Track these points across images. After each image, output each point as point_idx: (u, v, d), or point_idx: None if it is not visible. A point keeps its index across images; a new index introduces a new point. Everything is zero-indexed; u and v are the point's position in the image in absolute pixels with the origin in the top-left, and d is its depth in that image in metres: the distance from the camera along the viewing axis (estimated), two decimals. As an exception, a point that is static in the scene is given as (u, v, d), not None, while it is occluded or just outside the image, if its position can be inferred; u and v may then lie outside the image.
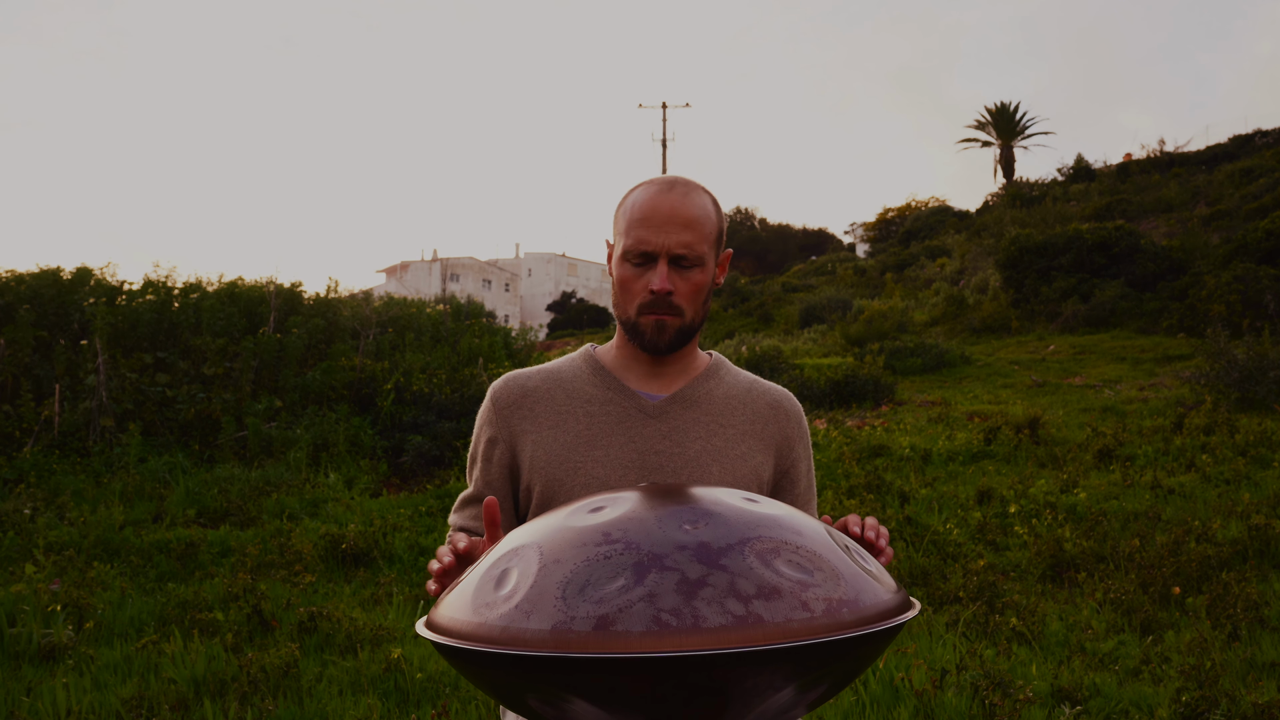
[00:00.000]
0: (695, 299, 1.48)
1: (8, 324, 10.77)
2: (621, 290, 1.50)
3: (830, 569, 0.96)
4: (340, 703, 4.03)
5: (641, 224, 1.45)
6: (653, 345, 1.49)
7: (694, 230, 1.45)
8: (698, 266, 1.46)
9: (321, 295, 13.55)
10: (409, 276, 50.87)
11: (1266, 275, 16.23)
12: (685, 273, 1.46)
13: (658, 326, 1.48)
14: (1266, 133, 32.02)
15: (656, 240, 1.44)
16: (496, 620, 0.92)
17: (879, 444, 9.49)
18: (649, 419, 1.52)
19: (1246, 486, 7.31)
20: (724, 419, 1.54)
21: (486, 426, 1.58)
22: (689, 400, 1.54)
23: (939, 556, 6.16)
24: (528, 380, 1.57)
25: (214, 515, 7.66)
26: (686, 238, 1.44)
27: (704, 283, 1.48)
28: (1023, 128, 38.32)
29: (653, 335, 1.48)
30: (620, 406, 1.52)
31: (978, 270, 24.35)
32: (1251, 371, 10.77)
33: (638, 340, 1.50)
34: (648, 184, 1.49)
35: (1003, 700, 3.61)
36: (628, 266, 1.48)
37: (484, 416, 1.59)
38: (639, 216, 1.46)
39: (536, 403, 1.55)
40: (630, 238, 1.46)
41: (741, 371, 1.65)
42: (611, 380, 1.54)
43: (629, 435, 1.50)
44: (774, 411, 1.59)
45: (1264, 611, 4.81)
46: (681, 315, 1.48)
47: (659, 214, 1.45)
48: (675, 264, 1.45)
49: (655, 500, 1.03)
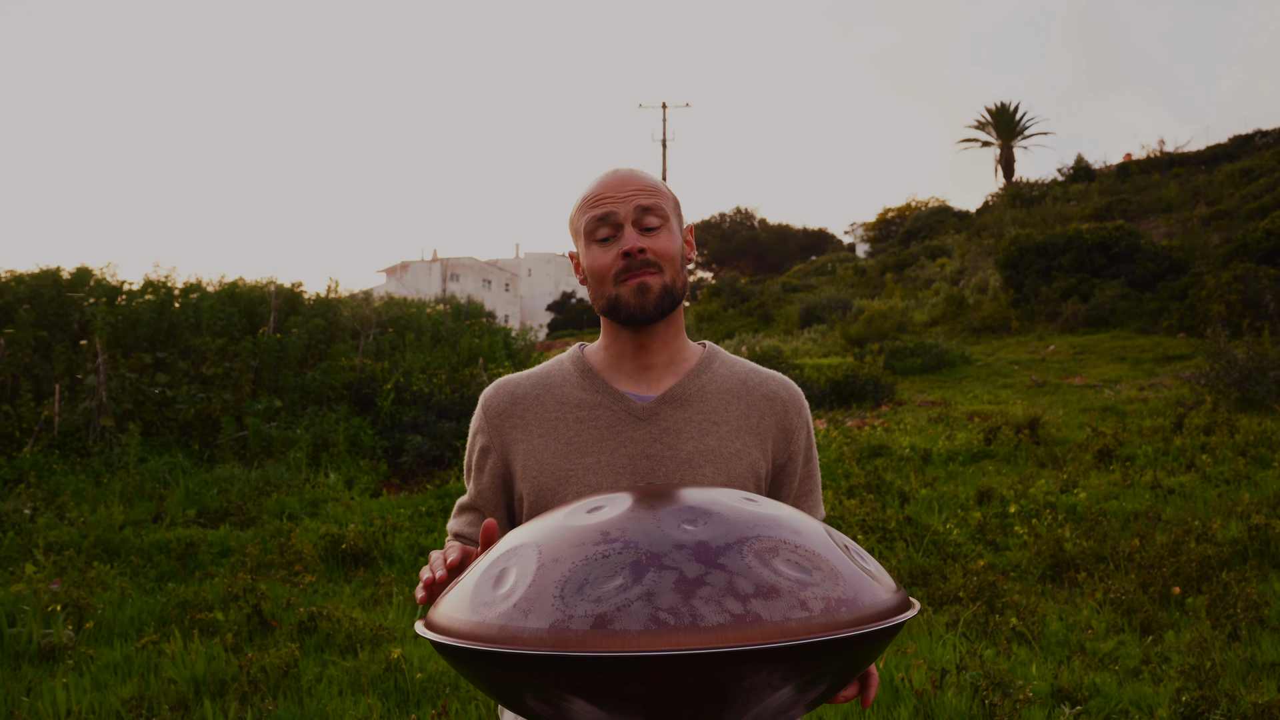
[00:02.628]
0: (671, 259, 1.45)
1: (8, 324, 10.77)
2: (594, 275, 1.46)
3: (829, 568, 0.96)
4: (340, 703, 4.03)
5: (596, 200, 1.45)
6: (640, 309, 1.44)
7: (652, 194, 1.45)
8: (663, 226, 1.45)
9: (321, 295, 13.54)
10: (409, 276, 50.86)
11: (1266, 275, 16.23)
12: (653, 233, 1.44)
13: (639, 289, 1.43)
14: (1266, 133, 32.02)
15: (617, 205, 1.43)
16: (495, 619, 0.92)
17: (879, 444, 9.49)
18: (639, 422, 1.47)
19: (1246, 486, 7.31)
20: (717, 416, 1.50)
21: (479, 435, 1.57)
22: (680, 399, 1.49)
23: (939, 556, 6.16)
24: (517, 387, 1.55)
25: (214, 515, 7.66)
26: (646, 198, 1.44)
27: (674, 244, 1.46)
28: (1022, 128, 38.32)
29: (636, 299, 1.43)
30: (609, 410, 1.48)
31: (978, 270, 24.35)
32: (1251, 371, 10.77)
33: (622, 313, 1.45)
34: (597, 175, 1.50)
35: (1003, 700, 3.61)
36: (595, 247, 1.45)
37: (476, 424, 1.57)
38: (593, 196, 1.46)
39: (526, 410, 1.52)
40: (593, 211, 1.45)
41: (739, 361, 1.59)
42: (600, 383, 1.50)
43: (619, 440, 1.47)
44: (770, 403, 1.54)
45: (1264, 611, 4.81)
46: (661, 272, 1.44)
47: (610, 184, 1.45)
48: (642, 225, 1.43)
49: (654, 500, 1.03)
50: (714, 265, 49.05)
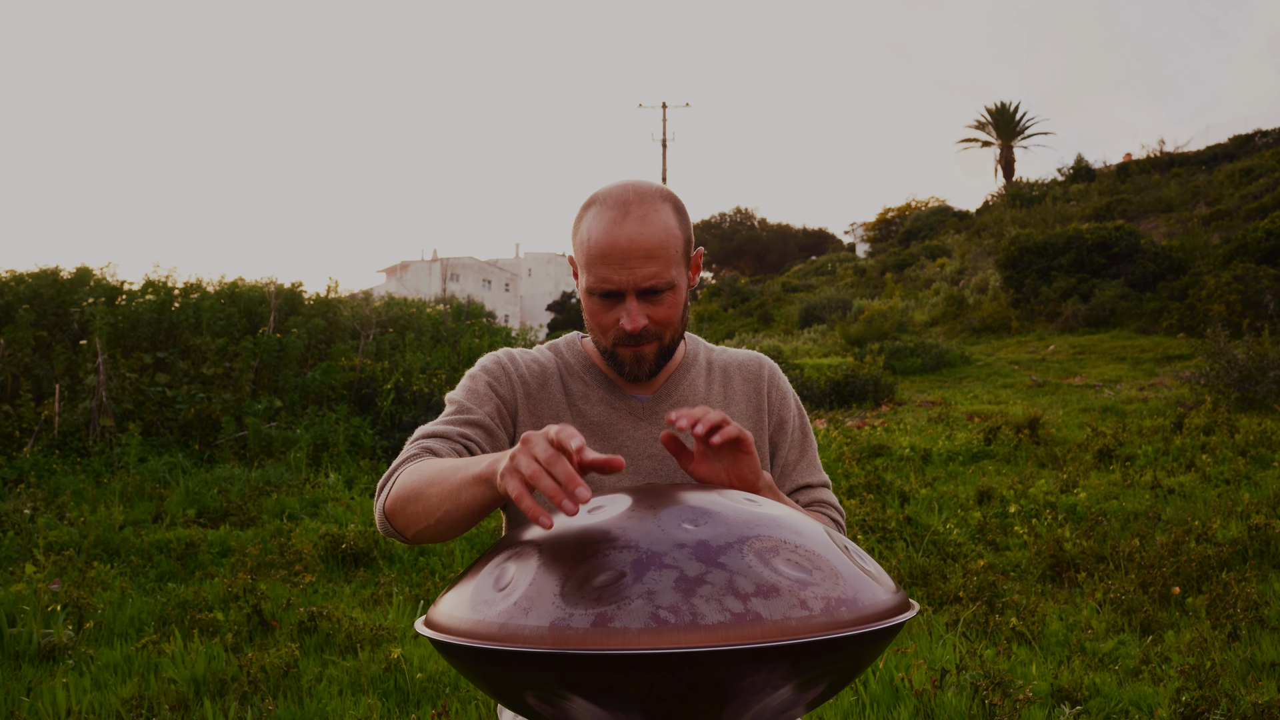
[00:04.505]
0: (673, 321, 1.43)
1: (8, 324, 10.77)
2: (592, 322, 1.44)
3: (829, 568, 0.96)
4: (340, 703, 4.03)
5: (602, 261, 1.34)
6: (633, 376, 1.46)
7: (658, 259, 1.35)
8: (668, 291, 1.38)
9: (321, 295, 13.54)
10: (409, 276, 50.86)
11: (1266, 275, 16.23)
12: (656, 299, 1.38)
13: (636, 359, 1.43)
14: (1266, 133, 32.02)
15: (620, 279, 1.34)
16: (495, 617, 0.92)
17: (879, 444, 9.49)
18: (639, 421, 1.51)
19: (1246, 486, 7.30)
20: (711, 405, 1.54)
21: (493, 378, 1.49)
22: (673, 397, 1.53)
23: (939, 556, 6.16)
24: (532, 363, 1.54)
25: (214, 515, 7.66)
26: (651, 269, 1.34)
27: (678, 302, 1.42)
28: (1023, 128, 38.32)
29: (632, 367, 1.44)
30: (613, 408, 1.51)
31: (978, 270, 24.35)
32: (1251, 371, 10.77)
33: (617, 369, 1.46)
34: (600, 206, 1.37)
35: (1003, 700, 3.61)
36: (595, 300, 1.40)
37: (491, 371, 1.50)
38: (598, 254, 1.34)
39: (540, 389, 1.52)
40: (592, 275, 1.37)
41: (716, 349, 1.62)
42: (604, 380, 1.53)
43: (621, 439, 1.50)
44: (751, 385, 1.59)
45: (1264, 611, 4.80)
46: (660, 339, 1.43)
47: (618, 250, 1.33)
48: (645, 296, 1.37)
49: (655, 499, 1.03)
50: (714, 265, 49.05)
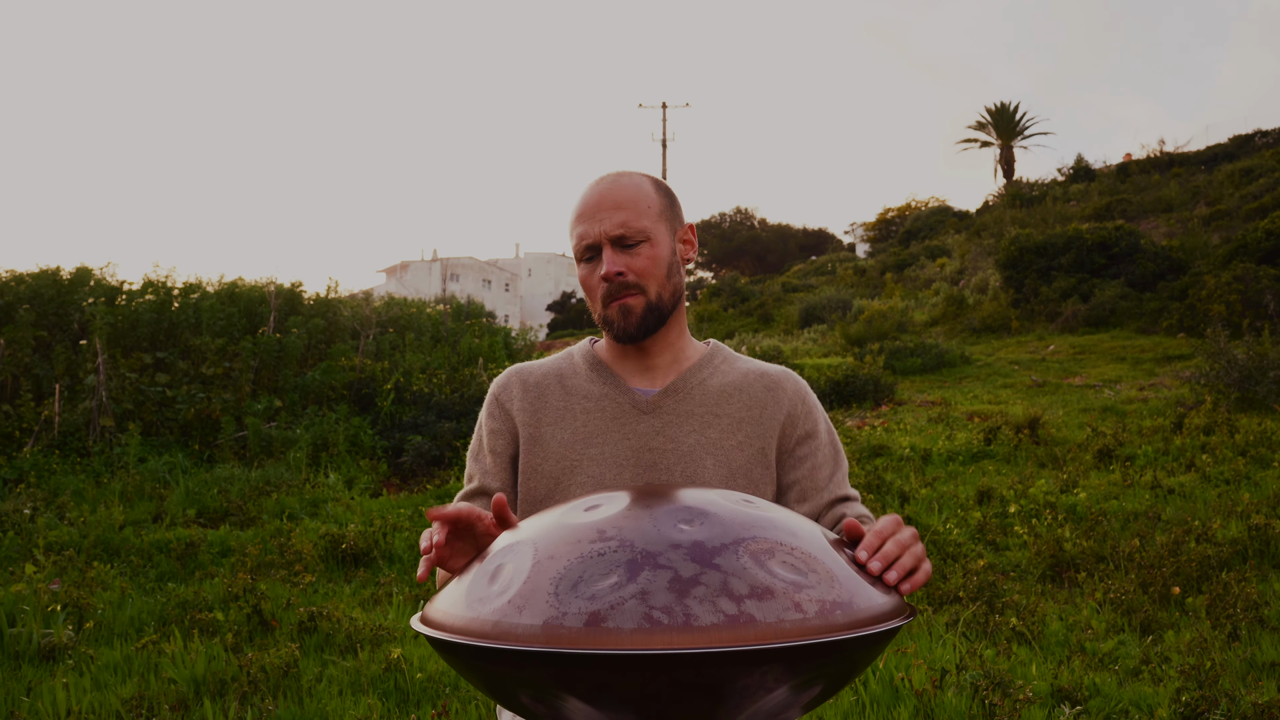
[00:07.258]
0: (654, 275, 1.46)
1: (8, 324, 10.77)
2: (586, 292, 1.51)
3: (825, 571, 0.96)
4: (340, 703, 4.03)
5: (578, 220, 1.47)
6: (623, 331, 1.48)
7: (627, 209, 1.45)
8: (644, 242, 1.45)
9: (321, 295, 13.55)
10: (409, 276, 50.85)
11: (1266, 275, 16.23)
12: (632, 250, 1.45)
13: (622, 311, 1.47)
14: (1266, 133, 32.00)
15: (593, 230, 1.44)
16: (489, 615, 0.92)
17: (879, 444, 9.49)
18: (643, 415, 1.51)
19: (1246, 486, 7.30)
20: (718, 409, 1.53)
21: (490, 419, 1.58)
22: (681, 393, 1.53)
23: (939, 556, 6.16)
24: (530, 375, 1.58)
25: (214, 515, 7.66)
26: (620, 217, 1.44)
27: (657, 257, 1.46)
28: (1022, 128, 38.30)
29: (620, 321, 1.48)
30: (616, 403, 1.52)
31: (978, 270, 24.34)
32: (1251, 371, 10.76)
33: (611, 331, 1.50)
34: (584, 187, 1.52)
35: (1003, 700, 3.61)
36: (583, 266, 1.49)
37: (488, 409, 1.59)
38: (575, 216, 1.48)
39: (538, 399, 1.55)
40: (574, 238, 1.48)
41: (743, 358, 1.63)
42: (609, 375, 1.54)
43: (624, 432, 1.50)
44: (771, 394, 1.56)
45: (1264, 611, 4.80)
46: (644, 292, 1.46)
47: (589, 205, 1.46)
48: (619, 245, 1.44)
49: (651, 499, 1.03)
50: (714, 265, 49.04)
